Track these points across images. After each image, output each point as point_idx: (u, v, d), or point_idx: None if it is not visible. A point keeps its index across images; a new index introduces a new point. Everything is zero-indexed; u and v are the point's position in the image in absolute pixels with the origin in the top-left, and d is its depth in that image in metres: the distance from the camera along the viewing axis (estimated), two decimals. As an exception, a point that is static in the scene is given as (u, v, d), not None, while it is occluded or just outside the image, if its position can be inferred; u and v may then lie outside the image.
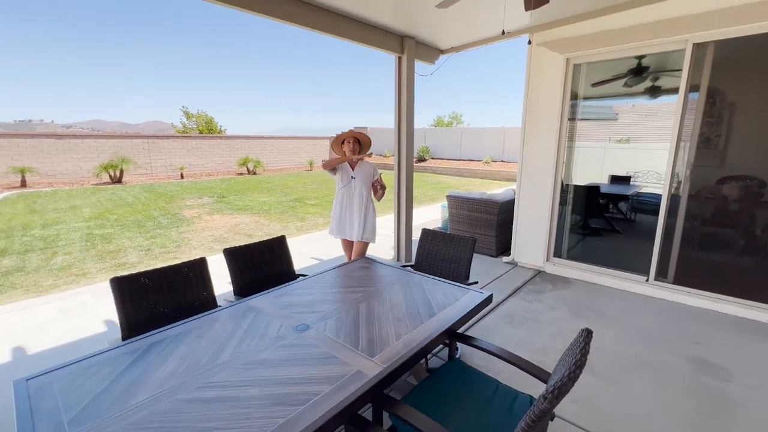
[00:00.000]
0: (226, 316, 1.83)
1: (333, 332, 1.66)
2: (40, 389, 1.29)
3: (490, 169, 15.72)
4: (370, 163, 3.37)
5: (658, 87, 3.76)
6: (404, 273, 2.45)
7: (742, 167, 3.33)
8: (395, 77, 4.45)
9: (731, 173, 3.36)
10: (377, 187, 3.29)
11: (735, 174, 3.35)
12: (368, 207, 3.32)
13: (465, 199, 5.16)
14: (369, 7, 3.44)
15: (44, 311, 3.60)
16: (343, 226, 3.32)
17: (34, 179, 12.81)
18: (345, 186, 3.26)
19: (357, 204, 3.26)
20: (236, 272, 2.42)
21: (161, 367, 1.42)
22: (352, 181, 3.24)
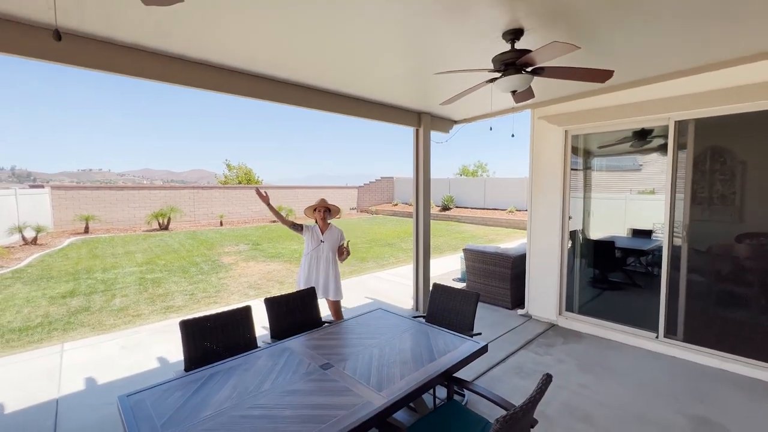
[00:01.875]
0: (266, 355, 2.28)
1: (350, 371, 2.07)
2: (137, 403, 1.77)
3: (514, 218, 15.91)
4: (338, 228, 3.75)
5: (663, 145, 4.00)
6: (414, 323, 2.84)
7: (750, 223, 3.49)
8: (414, 145, 5.10)
9: (734, 229, 3.56)
10: (343, 251, 3.69)
11: (741, 231, 3.53)
12: (335, 268, 3.67)
13: (480, 253, 5.51)
14: (390, 95, 4.16)
15: (108, 348, 4.18)
16: (309, 285, 3.56)
17: (95, 226, 14.37)
18: (314, 248, 3.60)
19: (324, 266, 3.61)
20: (274, 318, 2.90)
21: (220, 391, 1.87)
22: (321, 244, 3.61)
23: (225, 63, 3.03)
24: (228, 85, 3.15)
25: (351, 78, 3.56)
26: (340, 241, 3.72)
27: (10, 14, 2.14)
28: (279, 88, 3.50)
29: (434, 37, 2.66)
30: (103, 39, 2.47)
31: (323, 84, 3.67)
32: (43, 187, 14.13)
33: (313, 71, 3.33)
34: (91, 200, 14.84)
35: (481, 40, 2.67)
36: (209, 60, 2.95)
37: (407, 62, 3.17)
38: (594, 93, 4.07)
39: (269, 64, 3.13)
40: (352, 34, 2.59)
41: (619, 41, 2.76)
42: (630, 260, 4.65)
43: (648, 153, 4.26)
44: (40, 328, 4.77)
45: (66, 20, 2.23)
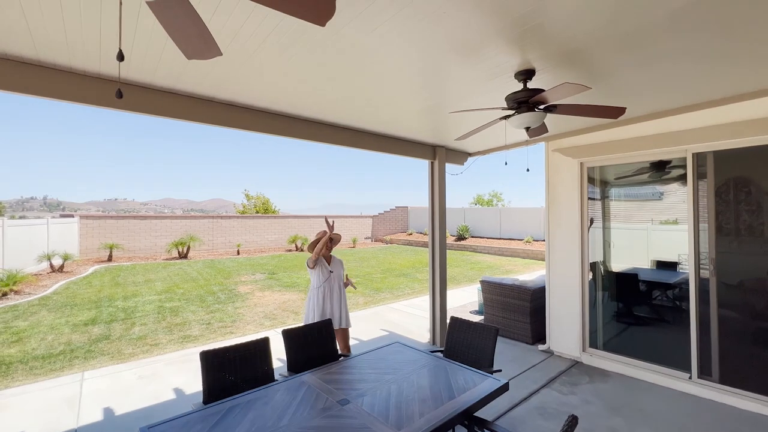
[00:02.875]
0: (284, 389, 2.28)
1: (368, 407, 2.04)
2: (158, 436, 1.78)
3: (531, 249, 15.63)
4: (338, 258, 3.86)
5: (682, 175, 3.92)
6: (432, 358, 2.79)
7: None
8: (429, 178, 5.20)
9: (765, 262, 3.43)
10: (350, 280, 3.84)
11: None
12: (344, 297, 3.77)
13: (498, 285, 5.42)
14: (407, 130, 4.31)
15: (126, 377, 4.22)
16: (324, 316, 3.59)
17: (118, 254, 14.82)
18: (326, 280, 3.65)
19: (336, 295, 3.68)
20: (291, 350, 2.90)
21: (238, 426, 1.87)
22: (331, 274, 3.67)
23: (256, 105, 3.24)
24: (256, 124, 3.35)
25: (370, 116, 3.73)
26: (344, 269, 3.86)
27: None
28: (302, 125, 3.69)
29: (448, 78, 2.80)
30: (143, 84, 2.70)
31: (344, 121, 3.85)
32: (72, 216, 14.79)
33: (335, 111, 3.51)
34: (116, 229, 15.40)
35: (494, 79, 2.80)
36: (246, 103, 3.17)
37: (423, 101, 3.32)
38: (608, 126, 4.12)
39: (291, 105, 3.32)
40: (372, 78, 2.76)
41: (629, 79, 2.84)
42: (655, 294, 4.48)
43: (667, 183, 4.21)
44: (62, 356, 4.86)
45: (122, 72, 2.47)
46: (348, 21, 1.98)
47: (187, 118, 2.97)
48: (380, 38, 2.16)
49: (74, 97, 2.46)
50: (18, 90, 2.31)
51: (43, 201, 78.56)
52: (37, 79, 2.34)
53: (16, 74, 2.27)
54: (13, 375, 4.29)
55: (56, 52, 2.22)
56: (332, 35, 2.12)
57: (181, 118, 2.94)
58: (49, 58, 2.29)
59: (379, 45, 2.25)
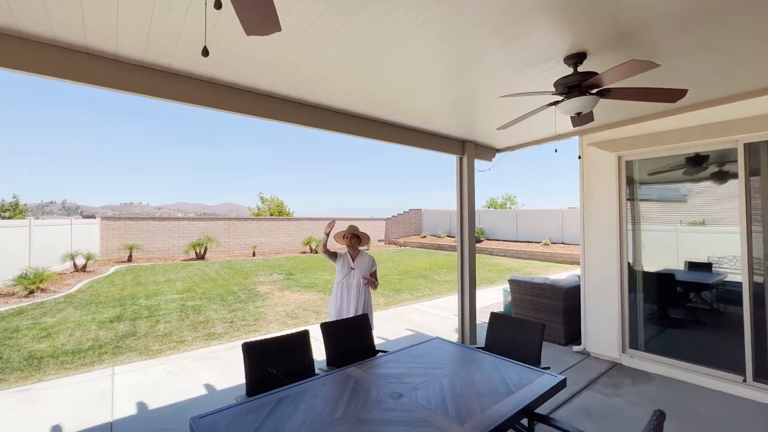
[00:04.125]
0: (331, 382, 2.19)
1: (424, 401, 1.94)
2: (210, 425, 1.72)
3: (550, 251, 15.32)
4: (369, 255, 3.64)
5: (723, 172, 3.81)
6: (478, 354, 2.68)
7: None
8: (457, 174, 5.10)
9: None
10: (373, 281, 3.53)
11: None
12: (366, 296, 3.53)
13: (528, 284, 5.27)
14: (436, 123, 4.23)
15: (155, 373, 4.19)
16: (341, 314, 3.46)
17: (137, 255, 15.03)
18: (345, 276, 3.49)
19: (354, 294, 3.47)
20: (330, 344, 2.82)
21: (293, 417, 1.79)
22: (352, 271, 3.50)
23: (288, 95, 3.19)
24: (287, 114, 3.30)
25: (402, 108, 3.66)
26: (372, 268, 3.60)
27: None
28: (335, 117, 3.63)
29: (484, 67, 2.72)
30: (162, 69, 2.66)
31: (372, 113, 3.77)
32: (94, 217, 15.08)
33: (364, 101, 3.43)
34: (135, 230, 15.64)
35: (537, 65, 2.69)
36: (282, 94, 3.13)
37: (455, 92, 3.23)
38: (648, 118, 3.97)
39: (328, 96, 3.27)
40: (401, 66, 2.68)
41: (686, 62, 2.70)
42: (696, 295, 4.28)
43: (704, 180, 4.02)
44: (91, 351, 4.88)
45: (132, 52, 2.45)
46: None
47: (228, 108, 2.95)
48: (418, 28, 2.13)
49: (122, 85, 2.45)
50: (67, 77, 2.30)
51: (62, 205, 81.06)
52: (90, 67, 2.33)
53: (66, 60, 2.27)
54: (45, 369, 4.30)
55: (103, 39, 2.21)
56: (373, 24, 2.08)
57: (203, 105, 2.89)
58: (96, 45, 2.28)
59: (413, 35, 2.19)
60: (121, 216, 16.20)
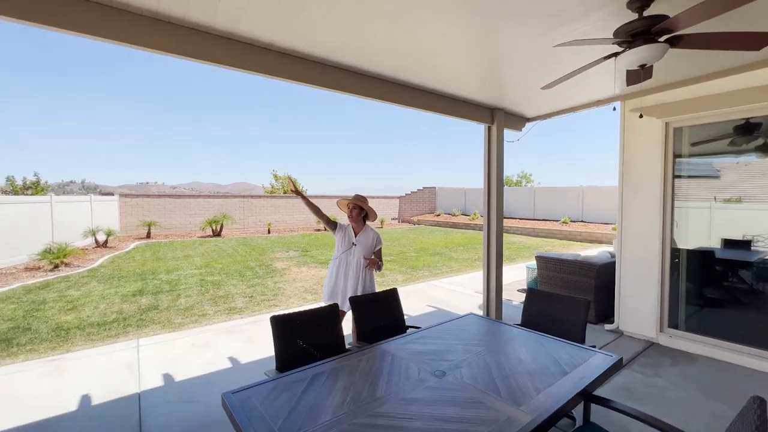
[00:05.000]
0: (367, 357, 2.06)
1: (470, 379, 1.78)
2: (244, 402, 1.60)
3: (568, 230, 14.93)
4: (374, 231, 3.24)
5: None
6: (520, 331, 2.51)
7: None
8: (485, 145, 4.80)
9: None
10: (376, 261, 3.12)
11: None
12: (366, 276, 3.12)
13: (557, 261, 5.04)
14: (464, 87, 3.91)
15: (179, 345, 4.19)
16: (335, 293, 3.10)
17: (155, 231, 15.24)
18: (344, 252, 3.12)
19: (353, 274, 3.08)
20: (360, 319, 2.69)
21: (330, 394, 1.66)
22: (353, 247, 3.11)
23: (310, 53, 2.93)
24: (307, 75, 3.05)
25: (425, 69, 3.34)
26: (376, 246, 3.19)
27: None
28: (358, 80, 3.37)
29: (524, 18, 2.40)
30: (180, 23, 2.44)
31: (398, 75, 3.46)
32: (113, 194, 15.26)
33: (389, 61, 3.14)
34: (152, 207, 15.82)
35: (593, 12, 2.37)
36: (296, 49, 2.87)
37: (486, 51, 2.91)
38: (707, 78, 3.58)
39: (352, 55, 3.00)
40: (431, 20, 2.39)
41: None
42: (735, 273, 4.00)
43: (754, 152, 3.67)
44: (115, 323, 4.92)
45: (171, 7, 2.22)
46: None
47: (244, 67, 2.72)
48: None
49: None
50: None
51: (82, 184, 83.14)
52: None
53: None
54: (72, 340, 4.34)
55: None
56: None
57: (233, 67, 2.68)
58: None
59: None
60: (139, 193, 16.36)
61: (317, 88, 3.25)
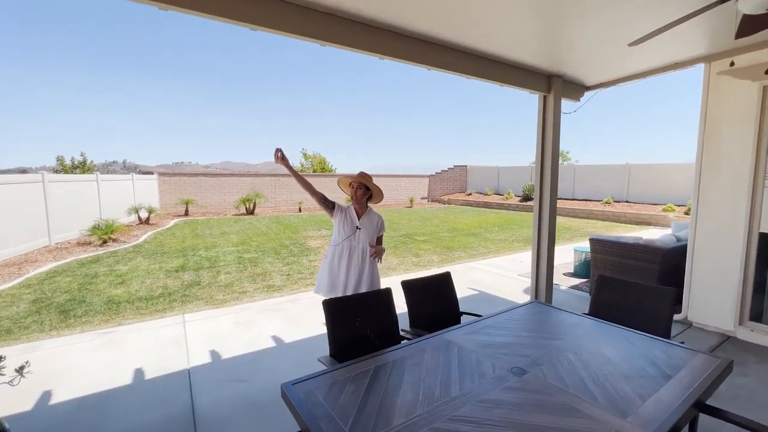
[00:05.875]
0: (430, 348, 1.88)
1: (556, 380, 1.56)
2: (307, 395, 1.46)
3: (612, 210, 14.06)
4: (378, 214, 2.92)
5: None
6: (593, 322, 2.24)
7: None
8: (539, 116, 4.38)
9: None
10: (382, 250, 2.84)
11: None
12: (372, 269, 2.82)
13: (615, 244, 4.64)
14: (521, 50, 3.49)
15: (223, 322, 4.22)
16: (336, 285, 2.75)
17: (192, 209, 15.75)
18: (347, 238, 2.76)
19: (357, 262, 2.74)
20: (413, 304, 2.51)
21: (400, 391, 1.49)
22: (357, 232, 2.76)
23: (358, 12, 2.65)
24: (347, 37, 2.77)
25: (480, 28, 2.97)
26: (379, 231, 2.88)
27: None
28: (401, 42, 3.03)
29: None
30: None
31: (449, 36, 3.11)
32: (152, 173, 15.82)
33: (441, 20, 2.79)
34: (189, 186, 16.30)
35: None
36: (340, 8, 2.59)
37: (550, 3, 2.50)
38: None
39: (397, 13, 2.67)
40: None
41: None
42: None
43: None
44: (161, 298, 5.04)
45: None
46: None
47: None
48: None
49: None
50: None
51: (123, 164, 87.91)
52: None
53: None
54: (123, 313, 4.49)
55: None
56: None
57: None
58: None
59: None
60: (176, 172, 16.87)
61: (364, 54, 2.96)
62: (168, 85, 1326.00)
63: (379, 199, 2.93)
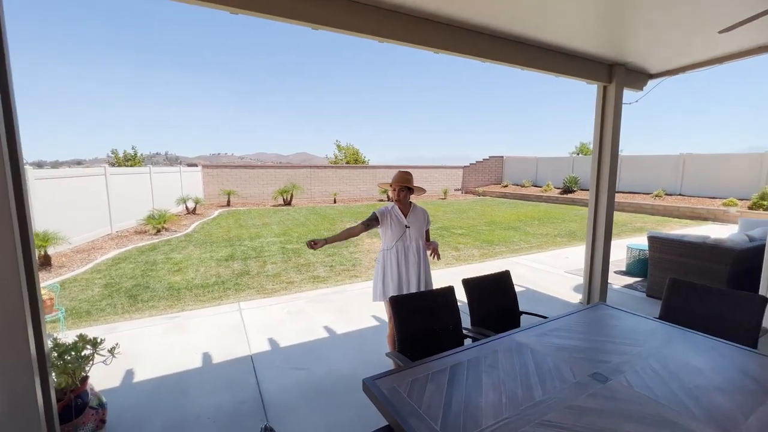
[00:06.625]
0: (502, 349, 1.87)
1: (643, 389, 1.51)
2: (391, 392, 1.51)
3: (662, 204, 13.21)
4: (421, 207, 2.85)
5: None
6: (672, 329, 2.14)
7: None
8: (597, 108, 4.17)
9: None
10: (435, 245, 2.81)
11: None
12: (427, 266, 2.78)
13: (679, 243, 4.37)
14: (581, 37, 3.30)
15: (275, 311, 4.41)
16: (400, 288, 2.68)
17: (234, 200, 16.43)
18: (400, 239, 2.67)
19: (414, 261, 2.69)
20: (476, 303, 2.51)
21: (481, 392, 1.51)
22: (407, 231, 2.68)
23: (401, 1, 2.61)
24: (399, 32, 2.73)
25: (538, 16, 2.82)
26: (427, 225, 2.84)
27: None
28: (447, 33, 2.95)
29: None
30: None
31: (501, 24, 2.98)
32: (197, 165, 16.61)
33: (491, 6, 2.67)
34: (230, 177, 16.99)
35: None
36: None
37: None
38: None
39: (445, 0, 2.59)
40: None
41: None
42: None
43: None
44: (216, 286, 5.34)
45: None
46: None
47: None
48: None
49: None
50: None
51: (165, 156, 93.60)
52: None
53: None
54: (183, 299, 4.79)
55: None
56: None
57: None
58: None
59: None
60: (219, 164, 17.61)
61: (409, 46, 2.91)
62: (212, 81, 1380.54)
63: (421, 192, 2.92)
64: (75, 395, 2.20)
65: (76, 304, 4.58)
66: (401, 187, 2.72)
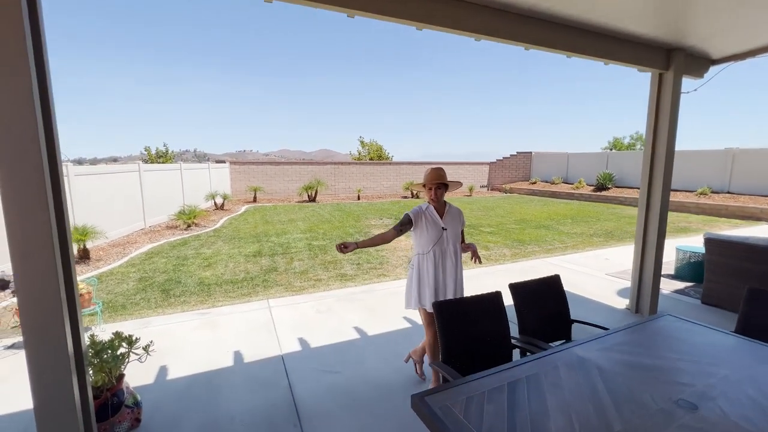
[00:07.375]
0: (562, 365, 1.68)
1: (745, 422, 1.29)
2: (445, 411, 1.35)
3: (708, 203, 12.35)
4: (456, 206, 2.64)
5: None
6: (758, 345, 1.87)
7: None
8: (653, 97, 3.83)
9: None
10: (474, 248, 2.61)
11: None
12: (461, 270, 2.59)
13: (741, 246, 3.97)
14: (635, 18, 2.99)
15: (305, 309, 4.34)
16: (437, 295, 2.50)
17: (260, 196, 16.68)
18: (437, 242, 2.46)
19: (451, 266, 2.49)
20: (522, 310, 2.31)
21: (547, 415, 1.33)
22: (444, 233, 2.47)
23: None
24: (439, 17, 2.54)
25: None
26: (462, 224, 2.63)
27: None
28: (487, 15, 2.73)
29: None
30: None
31: (546, 5, 2.72)
32: (224, 162, 16.97)
33: None
34: (257, 174, 17.26)
35: None
36: None
37: None
38: None
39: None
40: None
41: None
42: None
43: None
44: (245, 282, 5.34)
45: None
46: None
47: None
48: None
49: None
50: None
51: (194, 153, 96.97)
52: None
53: None
54: (214, 295, 4.81)
55: None
56: None
57: None
58: None
59: None
60: (246, 161, 17.93)
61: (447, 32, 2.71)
62: (239, 79, 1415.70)
63: (457, 187, 2.73)
64: (111, 393, 2.17)
65: (113, 298, 4.68)
66: (437, 184, 2.48)
